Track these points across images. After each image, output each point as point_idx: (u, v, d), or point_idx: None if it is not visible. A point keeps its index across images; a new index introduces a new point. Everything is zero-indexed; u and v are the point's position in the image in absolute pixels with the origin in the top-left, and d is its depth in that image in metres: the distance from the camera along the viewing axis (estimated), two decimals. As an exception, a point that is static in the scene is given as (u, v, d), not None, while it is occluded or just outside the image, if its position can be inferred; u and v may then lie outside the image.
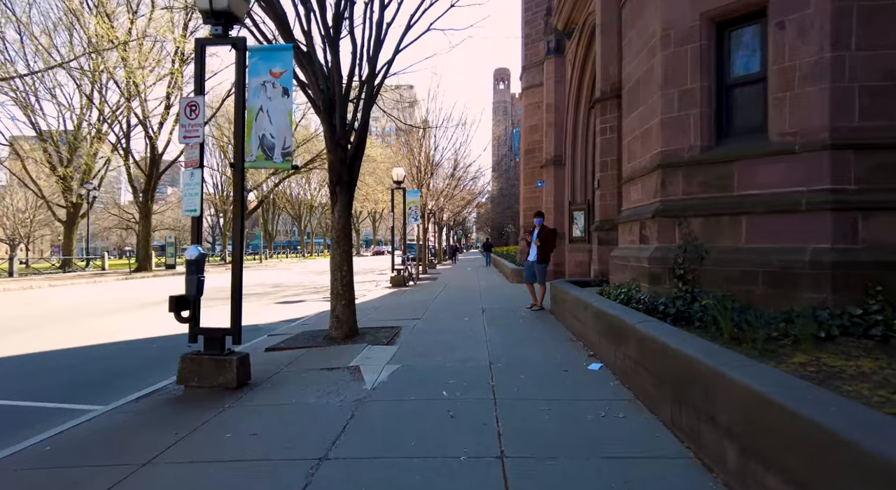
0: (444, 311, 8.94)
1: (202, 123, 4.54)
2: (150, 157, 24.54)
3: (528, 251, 8.76)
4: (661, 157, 4.86)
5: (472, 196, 37.01)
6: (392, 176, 15.76)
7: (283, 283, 18.18)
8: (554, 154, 14.98)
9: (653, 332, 3.49)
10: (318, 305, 10.91)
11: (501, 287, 14.49)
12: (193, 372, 4.39)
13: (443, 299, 11.21)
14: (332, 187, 6.61)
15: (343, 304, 6.55)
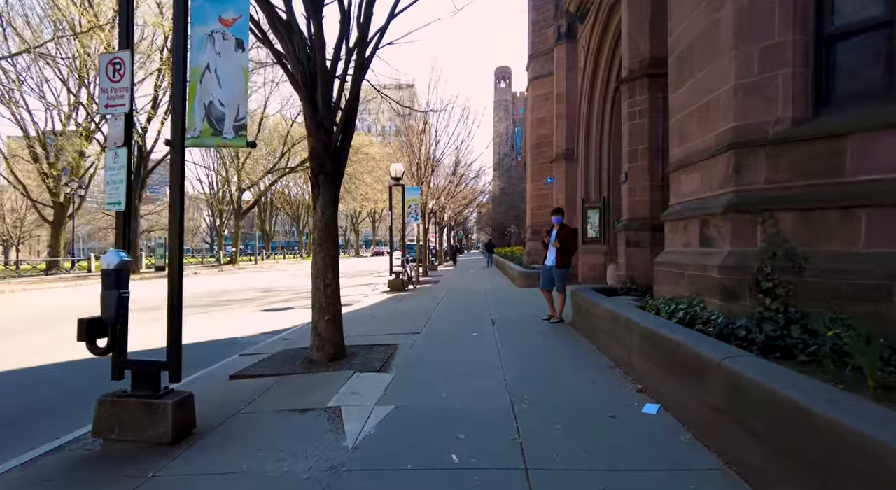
0: (447, 323, 7.79)
1: (129, 87, 3.39)
2: (138, 155, 23.39)
3: (544, 253, 7.61)
4: (734, 135, 3.73)
5: (474, 195, 35.88)
6: (390, 172, 14.61)
7: (275, 286, 17.04)
8: (565, 148, 13.84)
9: (767, 382, 2.34)
10: (307, 314, 9.74)
11: (508, 292, 13.33)
12: (114, 420, 3.25)
13: (446, 307, 10.05)
14: (314, 178, 5.47)
15: (327, 319, 5.41)
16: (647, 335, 3.88)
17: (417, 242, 18.69)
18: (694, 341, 3.21)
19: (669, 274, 4.78)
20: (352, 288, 16.56)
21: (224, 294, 14.63)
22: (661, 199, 7.25)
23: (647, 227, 7.25)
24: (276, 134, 36.67)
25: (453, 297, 12.07)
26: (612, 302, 5.55)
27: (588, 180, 13.38)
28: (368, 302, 11.93)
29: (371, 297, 13.20)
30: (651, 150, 7.23)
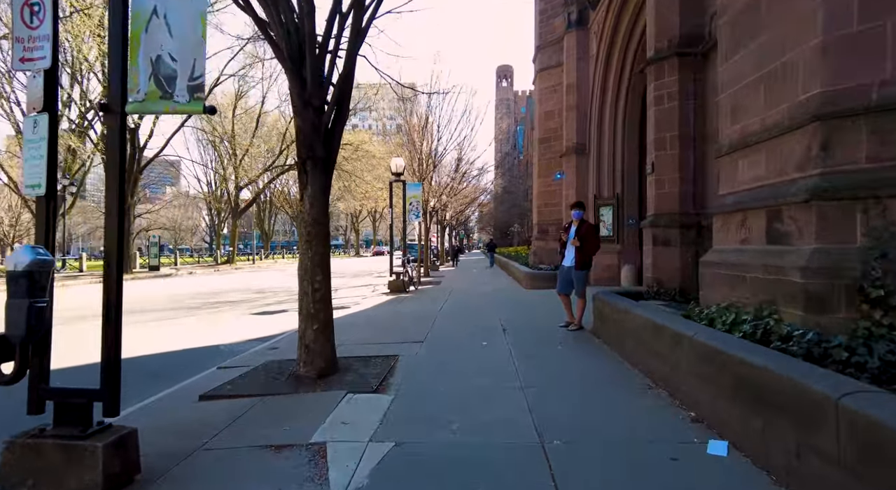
0: (453, 330, 7.03)
1: (51, 35, 2.63)
2: (130, 150, 22.65)
3: (559, 252, 6.84)
4: (821, 103, 2.96)
5: (476, 193, 35.13)
6: (391, 167, 13.85)
7: (270, 287, 16.28)
8: (576, 141, 13.06)
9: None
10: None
11: (515, 294, 12.57)
12: (27, 468, 2.49)
13: (450, 311, 9.29)
14: (301, 164, 4.71)
15: (316, 329, 4.64)
16: (706, 354, 3.11)
17: (419, 242, 17.94)
18: (786, 368, 2.44)
19: (723, 277, 4.02)
20: (351, 289, 15.81)
21: (215, 295, 13.88)
22: (692, 191, 6.49)
23: (676, 224, 6.48)
24: (275, 131, 35.92)
25: (457, 300, 11.31)
26: (646, 309, 4.78)
27: (600, 175, 12.61)
28: (367, 304, 11.17)
29: (370, 298, 12.45)
30: (681, 138, 6.47)
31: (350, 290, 15.25)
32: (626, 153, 12.25)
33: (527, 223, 44.61)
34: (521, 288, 14.20)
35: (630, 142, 12.26)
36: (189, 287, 17.12)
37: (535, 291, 12.85)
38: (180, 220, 72.03)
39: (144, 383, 4.95)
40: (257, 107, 33.21)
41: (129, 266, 22.89)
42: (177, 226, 71.85)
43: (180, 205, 72.23)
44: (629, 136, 12.24)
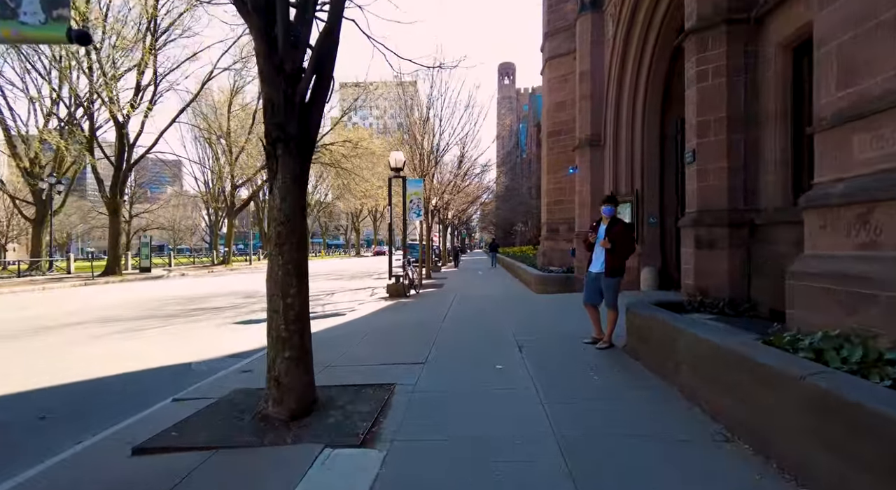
0: (459, 346, 6.02)
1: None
2: (118, 145, 21.68)
3: (587, 255, 5.85)
4: None
5: (479, 191, 34.14)
6: (390, 162, 12.85)
7: (259, 291, 15.27)
8: (590, 133, 12.05)
9: None
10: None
11: (525, 299, 11.56)
12: None
13: (454, 321, 8.28)
14: (270, 145, 3.72)
15: (288, 357, 3.65)
16: (839, 409, 2.11)
17: (420, 241, 16.95)
18: None
19: (831, 294, 3.00)
20: (347, 293, 14.83)
21: (199, 300, 12.89)
22: (742, 184, 5.47)
23: (724, 223, 5.47)
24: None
25: (462, 306, 10.31)
26: (707, 329, 3.78)
27: (618, 169, 11.60)
28: (364, 311, 10.19)
29: (368, 304, 11.47)
30: (730, 121, 5.45)
31: (347, 295, 14.27)
32: (646, 145, 11.23)
33: (531, 222, 43.59)
34: (530, 292, 13.20)
35: (650, 132, 11.23)
36: (176, 290, 16.15)
37: (545, 296, 11.85)
38: (180, 219, 71.00)
39: (81, 421, 3.98)
40: (253, 103, 32.20)
41: (119, 268, 21.92)
42: (176, 226, 70.90)
43: (180, 204, 71.33)
44: (649, 126, 11.22)
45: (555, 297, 11.43)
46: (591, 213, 11.97)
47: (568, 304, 9.96)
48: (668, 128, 11.18)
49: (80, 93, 21.44)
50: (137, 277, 21.87)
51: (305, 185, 3.87)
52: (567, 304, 10.09)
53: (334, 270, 28.69)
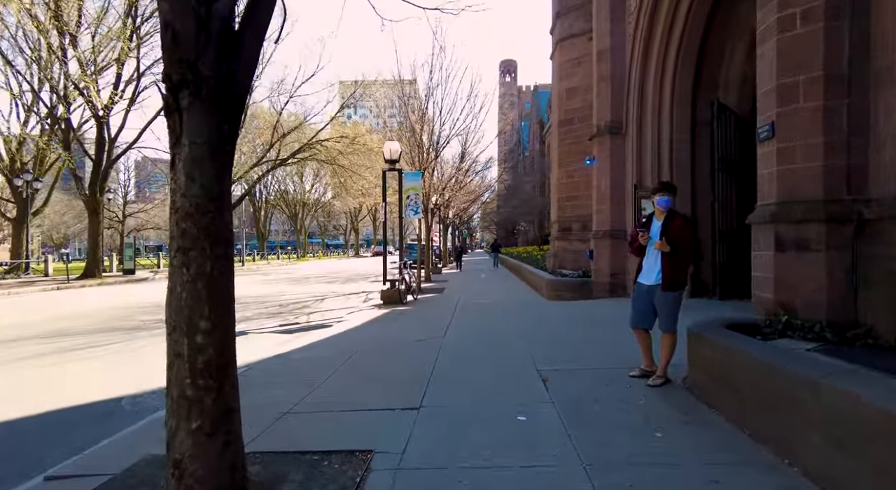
0: (464, 382, 4.64)
1: None
2: (98, 140, 20.32)
3: (631, 261, 4.46)
4: None
5: (482, 189, 32.79)
6: (384, 153, 11.48)
7: (240, 296, 13.91)
8: (610, 119, 10.67)
9: None
10: (254, 348, 6.65)
11: (538, 308, 10.18)
12: None
13: (458, 339, 6.90)
14: (170, 92, 2.33)
15: (196, 430, 2.28)
16: None
17: (419, 241, 15.57)
18: None
19: None
20: (339, 298, 13.47)
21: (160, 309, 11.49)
22: (845, 165, 4.09)
23: (819, 217, 4.08)
24: (265, 122, 33.59)
25: (466, 317, 8.94)
26: (864, 382, 2.40)
27: (643, 160, 10.22)
28: (353, 322, 8.82)
29: (358, 313, 10.11)
30: (828, 81, 4.07)
31: (338, 300, 12.92)
32: (676, 132, 9.85)
33: (535, 221, 42.20)
34: (541, 298, 11.83)
35: (680, 117, 9.86)
36: (154, 295, 14.79)
37: (559, 304, 10.48)
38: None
39: None
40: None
41: (98, 271, 20.55)
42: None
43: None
44: (679, 111, 9.84)
45: (571, 305, 10.06)
46: (611, 210, 10.60)
47: (590, 316, 8.59)
48: (701, 112, 9.79)
49: (56, 83, 20.05)
50: (119, 280, 20.52)
51: (229, 158, 2.49)
52: (589, 315, 8.73)
53: (329, 272, 27.36)
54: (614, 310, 9.20)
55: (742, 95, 9.55)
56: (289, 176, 56.36)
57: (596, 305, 9.73)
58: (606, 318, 8.19)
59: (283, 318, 9.96)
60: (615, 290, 10.46)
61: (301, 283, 18.94)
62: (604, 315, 8.60)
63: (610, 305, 9.66)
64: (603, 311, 8.99)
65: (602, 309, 9.29)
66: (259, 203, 56.99)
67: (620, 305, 9.83)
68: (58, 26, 17.73)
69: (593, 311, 9.02)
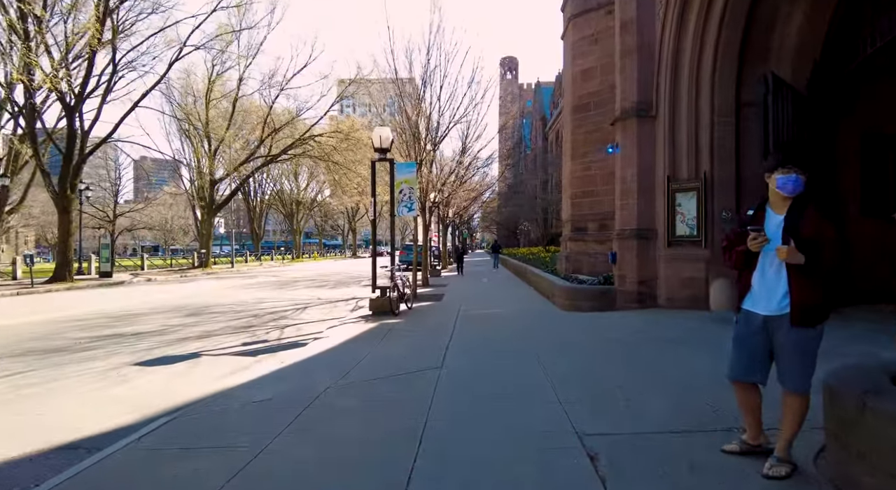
0: (470, 459, 3.07)
1: None
2: (69, 132, 18.76)
3: (738, 277, 2.88)
4: None
5: (482, 187, 31.24)
6: (373, 140, 9.93)
7: (214, 305, 12.34)
8: (636, 100, 9.12)
9: None
10: (199, 377, 5.09)
11: (556, 323, 8.60)
12: None
13: (458, 374, 5.32)
14: None
15: None
16: None
17: (415, 242, 14.02)
18: None
19: None
20: (325, 306, 11.93)
21: (127, 320, 9.95)
22: None
23: None
24: (258, 118, 32.02)
25: (469, 337, 7.38)
26: None
27: (676, 147, 8.68)
28: (329, 341, 7.27)
29: (341, 327, 8.55)
30: None
31: (323, 309, 11.38)
32: (718, 114, 8.32)
33: (538, 221, 40.65)
34: (553, 307, 10.28)
35: (723, 97, 8.33)
36: (119, 302, 13.24)
37: (578, 316, 8.93)
38: (173, 219, 67.85)
39: None
40: (232, 93, 29.30)
41: (69, 273, 18.96)
42: (168, 225, 67.89)
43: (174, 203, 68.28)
44: (722, 89, 8.31)
45: (593, 319, 8.51)
46: (638, 205, 9.05)
47: (624, 336, 7.02)
48: (748, 90, 8.27)
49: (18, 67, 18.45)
50: (91, 284, 18.94)
51: None
52: (621, 334, 7.17)
53: (322, 275, 25.81)
54: (652, 327, 7.64)
55: (797, 67, 8.02)
56: (284, 174, 54.84)
57: (625, 320, 8.18)
58: (647, 340, 6.64)
59: (251, 333, 8.42)
60: (644, 301, 8.92)
61: (286, 288, 17.40)
62: (640, 334, 7.06)
63: (642, 320, 8.11)
64: (637, 329, 7.45)
65: (634, 325, 7.74)
66: (254, 202, 55.45)
67: (656, 321, 8.06)
68: (21, 7, 16.18)
69: (624, 329, 7.47)
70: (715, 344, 6.24)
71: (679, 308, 8.56)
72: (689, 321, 7.67)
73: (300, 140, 29.68)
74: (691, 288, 8.42)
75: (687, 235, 8.54)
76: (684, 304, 8.50)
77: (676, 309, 8.57)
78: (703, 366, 5.03)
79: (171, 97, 28.27)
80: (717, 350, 5.70)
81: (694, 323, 7.54)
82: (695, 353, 5.84)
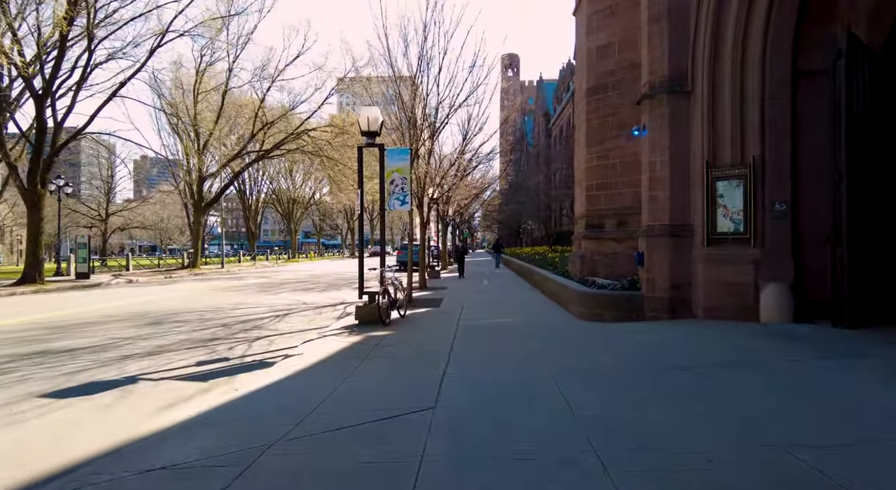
0: None
1: None
2: (37, 122, 17.38)
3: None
4: None
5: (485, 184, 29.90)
6: (359, 122, 8.55)
7: (183, 311, 10.96)
8: (668, 73, 7.74)
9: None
10: (113, 419, 3.72)
11: (578, 339, 7.20)
12: None
13: (455, 418, 3.94)
14: None
15: None
16: None
17: (409, 241, 12.63)
18: None
19: None
20: (308, 312, 10.57)
21: (72, 331, 8.57)
22: None
23: None
24: (248, 111, 30.65)
25: (472, 358, 6.01)
26: None
27: (718, 126, 7.30)
28: (301, 362, 5.89)
29: (319, 342, 7.18)
30: None
31: (305, 316, 10.02)
32: (770, 82, 6.94)
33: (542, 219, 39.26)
34: (568, 315, 8.90)
35: (775, 67, 6.94)
36: (82, 307, 11.88)
37: (599, 327, 7.56)
38: (169, 217, 66.37)
39: None
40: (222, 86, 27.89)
41: (40, 274, 17.60)
42: (164, 225, 66.43)
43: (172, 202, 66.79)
44: (774, 58, 6.93)
45: (620, 331, 7.13)
46: (671, 197, 7.67)
47: (668, 357, 5.60)
48: (807, 55, 6.90)
49: None
50: (64, 286, 17.58)
51: None
52: (663, 354, 5.77)
53: (315, 276, 24.45)
54: (695, 344, 6.21)
55: (874, 27, 6.62)
56: (280, 172, 53.48)
57: (660, 335, 6.79)
58: (700, 365, 5.24)
59: (211, 349, 7.05)
60: (676, 309, 7.54)
61: (272, 291, 16.04)
62: (687, 356, 5.66)
63: (681, 335, 6.72)
64: (680, 348, 6.07)
65: (674, 342, 6.35)
66: (249, 201, 54.10)
67: (699, 336, 6.52)
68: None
69: (664, 349, 6.08)
70: (782, 370, 4.88)
71: (720, 319, 7.18)
72: (739, 337, 6.29)
73: (293, 135, 28.32)
74: (736, 295, 7.04)
75: (731, 232, 7.16)
76: (727, 313, 7.12)
77: (716, 319, 7.19)
78: (788, 404, 3.66)
79: (158, 89, 26.92)
80: (792, 380, 4.34)
81: (746, 339, 6.17)
82: (767, 384, 4.47)
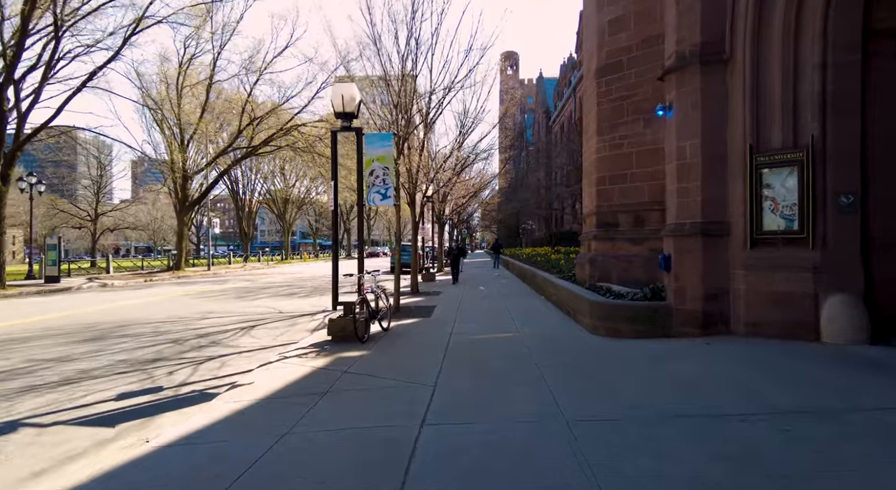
0: None
1: None
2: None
3: None
4: None
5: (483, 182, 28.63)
6: (332, 103, 7.24)
7: (138, 322, 9.62)
8: (700, 40, 6.43)
9: None
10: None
11: (598, 366, 5.85)
12: None
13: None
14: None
15: None
16: None
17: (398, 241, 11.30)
18: None
19: None
20: (279, 323, 9.28)
21: (15, 347, 7.24)
22: None
23: None
24: (237, 106, 29.30)
25: (462, 395, 4.72)
26: None
27: (763, 102, 5.99)
28: (251, 393, 4.58)
29: (278, 365, 5.87)
30: None
31: (272, 331, 8.72)
32: (833, 48, 5.64)
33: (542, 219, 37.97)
34: (580, 328, 7.59)
35: (842, 19, 5.65)
36: (23, 318, 10.54)
37: (620, 345, 6.25)
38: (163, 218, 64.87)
39: None
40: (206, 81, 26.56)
41: (1, 280, 16.25)
42: (157, 225, 64.96)
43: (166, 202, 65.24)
44: (837, 19, 5.64)
45: (646, 353, 5.80)
46: (704, 189, 6.36)
47: (730, 402, 4.20)
48: (883, 14, 5.62)
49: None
50: (28, 291, 16.26)
51: None
52: (717, 394, 4.40)
53: (302, 279, 23.09)
54: (747, 373, 4.69)
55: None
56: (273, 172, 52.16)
57: (699, 361, 5.46)
58: (769, 414, 3.91)
59: (148, 373, 5.76)
60: (711, 324, 6.23)
61: (249, 297, 14.73)
62: (755, 397, 4.31)
63: (725, 361, 5.40)
64: (733, 380, 4.73)
65: (723, 374, 5.00)
66: (242, 201, 52.77)
67: (749, 361, 4.97)
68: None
69: (709, 380, 4.75)
70: (868, 416, 3.42)
71: (767, 336, 5.87)
72: (807, 364, 4.98)
73: (283, 130, 27.01)
74: (788, 308, 5.74)
75: (781, 230, 5.85)
76: (775, 330, 5.82)
77: (763, 337, 5.88)
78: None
79: (138, 82, 25.58)
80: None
81: (819, 368, 4.86)
82: (887, 446, 3.16)
